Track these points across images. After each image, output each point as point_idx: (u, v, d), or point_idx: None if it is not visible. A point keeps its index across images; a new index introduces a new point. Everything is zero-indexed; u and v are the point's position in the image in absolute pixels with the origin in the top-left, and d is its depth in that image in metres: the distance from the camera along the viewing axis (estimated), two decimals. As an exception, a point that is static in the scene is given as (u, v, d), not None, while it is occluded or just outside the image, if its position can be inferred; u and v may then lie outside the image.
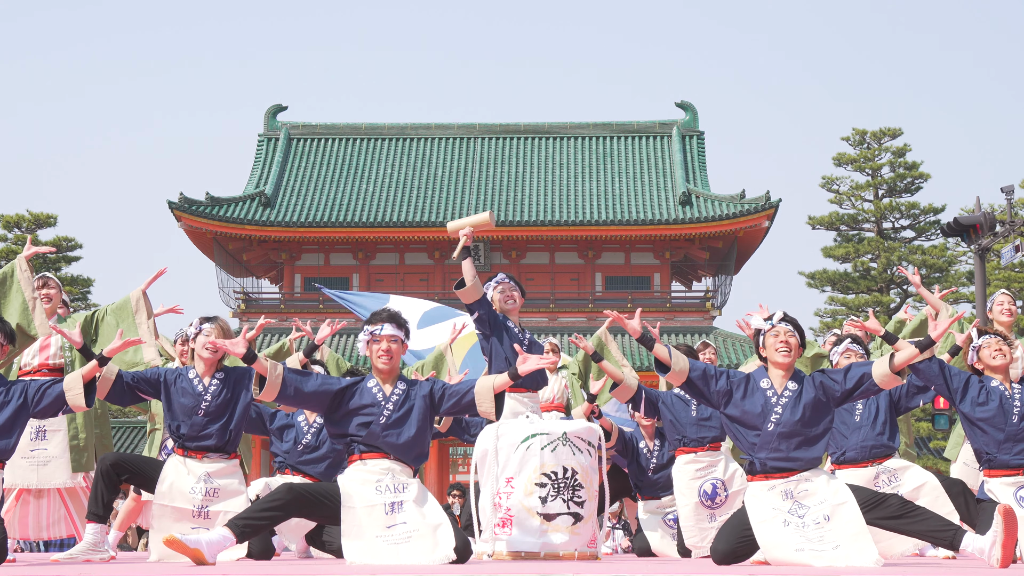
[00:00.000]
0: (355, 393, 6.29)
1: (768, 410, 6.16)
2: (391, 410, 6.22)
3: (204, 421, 6.81)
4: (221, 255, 38.34)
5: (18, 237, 36.01)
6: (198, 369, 6.92)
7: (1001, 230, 23.18)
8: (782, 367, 6.25)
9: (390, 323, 6.37)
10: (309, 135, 41.17)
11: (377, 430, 6.18)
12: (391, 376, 6.37)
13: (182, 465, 6.79)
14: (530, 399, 7.64)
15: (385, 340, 6.34)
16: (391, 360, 6.34)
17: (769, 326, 6.34)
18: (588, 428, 6.86)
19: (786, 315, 6.36)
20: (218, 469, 6.82)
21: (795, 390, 6.20)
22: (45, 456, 7.61)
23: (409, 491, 6.10)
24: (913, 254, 36.77)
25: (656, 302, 37.66)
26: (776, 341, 6.27)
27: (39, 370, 7.93)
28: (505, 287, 7.80)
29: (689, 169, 39.29)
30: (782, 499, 6.05)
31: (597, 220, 36.96)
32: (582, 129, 41.42)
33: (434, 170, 39.77)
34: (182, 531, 6.41)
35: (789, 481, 6.07)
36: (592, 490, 6.71)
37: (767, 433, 6.12)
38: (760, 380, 6.26)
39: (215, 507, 6.72)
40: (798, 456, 6.09)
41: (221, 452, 6.85)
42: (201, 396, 6.81)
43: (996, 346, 6.82)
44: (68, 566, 6.36)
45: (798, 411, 6.13)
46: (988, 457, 6.73)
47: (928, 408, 28.92)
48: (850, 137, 38.21)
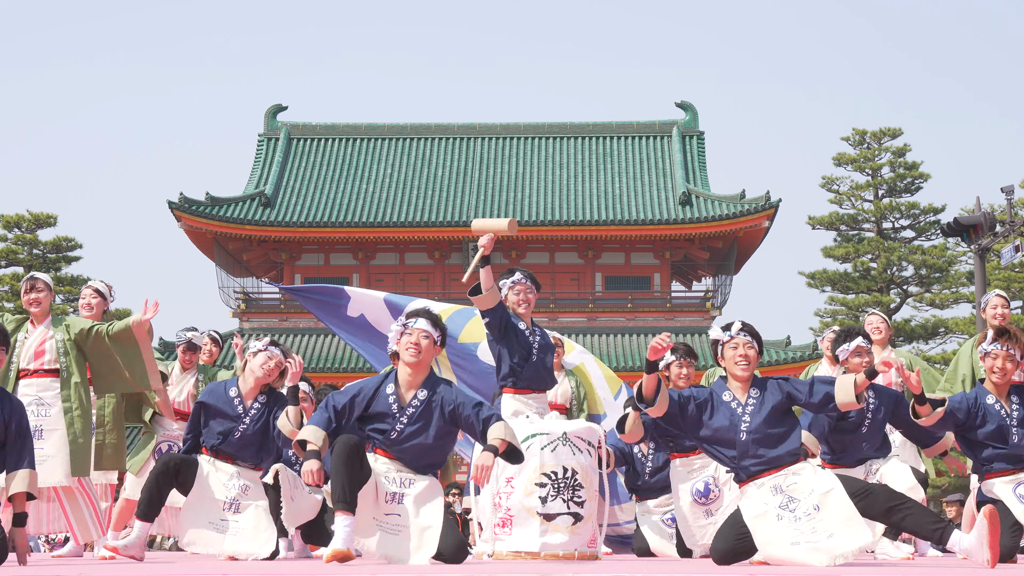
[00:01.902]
0: (370, 398, 6.16)
1: (736, 421, 6.13)
2: (405, 423, 6.11)
3: (239, 443, 6.99)
4: (221, 255, 38.35)
5: (18, 237, 35.99)
6: (242, 388, 7.05)
7: (1001, 230, 23.18)
8: (740, 380, 6.20)
9: (425, 319, 6.22)
10: (309, 135, 41.17)
11: (390, 440, 6.13)
12: (416, 375, 6.18)
13: (213, 465, 7.00)
14: (536, 400, 7.60)
15: (416, 333, 6.17)
16: (419, 354, 6.14)
17: (727, 337, 6.25)
18: (588, 428, 6.86)
19: (744, 324, 6.26)
20: (249, 475, 7.05)
21: (758, 397, 6.17)
22: (41, 455, 7.60)
23: (414, 487, 6.09)
24: (913, 254, 36.76)
25: (656, 302, 37.68)
26: (735, 354, 6.19)
27: (35, 372, 7.95)
28: (521, 289, 7.71)
29: (689, 169, 39.29)
30: (772, 494, 6.05)
31: (597, 220, 36.96)
32: (582, 129, 41.42)
33: (434, 170, 39.77)
34: (211, 521, 6.83)
35: (777, 477, 6.07)
36: (592, 490, 6.71)
37: (742, 443, 6.11)
38: (722, 394, 6.22)
39: (245, 502, 6.95)
40: (777, 454, 6.09)
41: (250, 463, 7.06)
42: (240, 418, 6.98)
43: (1001, 363, 6.67)
44: (68, 566, 6.36)
45: (763, 415, 6.11)
46: (987, 467, 6.74)
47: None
48: (850, 137, 38.21)
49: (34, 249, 35.66)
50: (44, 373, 7.89)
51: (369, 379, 6.28)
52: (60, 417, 7.84)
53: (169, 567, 6.24)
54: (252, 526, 6.91)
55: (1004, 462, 6.66)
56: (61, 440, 7.82)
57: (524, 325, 7.66)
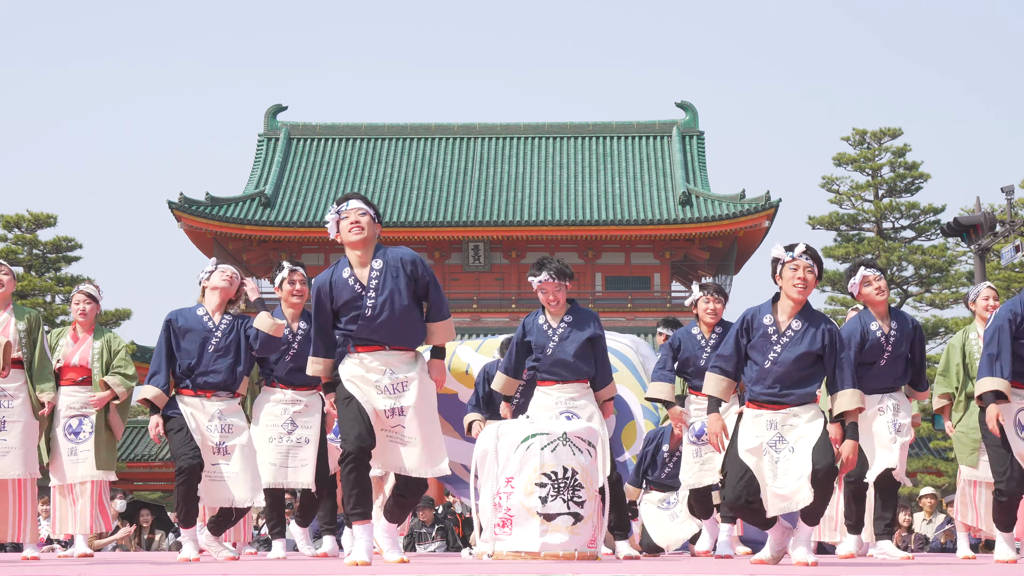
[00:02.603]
0: (330, 292, 6.07)
1: (767, 348, 6.07)
2: (374, 296, 6.01)
3: (214, 356, 7.09)
4: (221, 255, 38.27)
5: (18, 237, 35.96)
6: (208, 306, 7.22)
7: (1001, 230, 23.16)
8: (795, 301, 6.09)
9: (355, 199, 6.13)
10: (309, 135, 41.16)
11: (366, 319, 6.00)
12: (366, 253, 6.09)
13: (195, 406, 7.09)
14: (559, 390, 7.34)
15: (353, 213, 6.07)
16: (362, 230, 6.04)
17: (789, 257, 6.11)
18: (588, 428, 6.86)
19: (808, 247, 6.12)
20: (228, 407, 7.15)
21: (798, 331, 6.07)
22: (3, 447, 7.59)
23: (409, 394, 6.05)
24: (913, 254, 36.71)
25: (656, 302, 37.68)
26: (794, 276, 6.07)
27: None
28: (548, 288, 7.29)
29: (689, 169, 39.29)
30: (766, 428, 6.04)
31: (597, 220, 36.95)
32: (582, 129, 41.41)
33: (434, 170, 39.75)
34: (205, 471, 7.02)
35: (778, 414, 6.04)
36: (592, 490, 6.71)
37: (763, 370, 6.06)
38: (763, 316, 6.13)
39: (231, 442, 7.12)
40: (790, 392, 6.04)
41: (228, 391, 7.14)
42: (212, 332, 7.12)
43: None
44: (68, 566, 6.36)
45: (796, 352, 6.03)
46: None
47: (928, 408, 28.89)
48: (850, 137, 38.15)
49: (34, 249, 35.60)
50: (13, 364, 7.66)
51: (317, 278, 6.19)
52: (23, 409, 7.75)
53: (169, 567, 6.24)
54: (240, 469, 7.10)
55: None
56: (23, 433, 7.71)
57: (544, 321, 7.38)
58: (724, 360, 6.23)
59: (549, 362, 7.31)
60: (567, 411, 7.21)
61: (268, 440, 7.96)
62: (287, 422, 7.99)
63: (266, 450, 7.90)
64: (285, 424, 7.98)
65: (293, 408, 7.99)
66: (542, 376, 7.36)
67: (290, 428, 7.99)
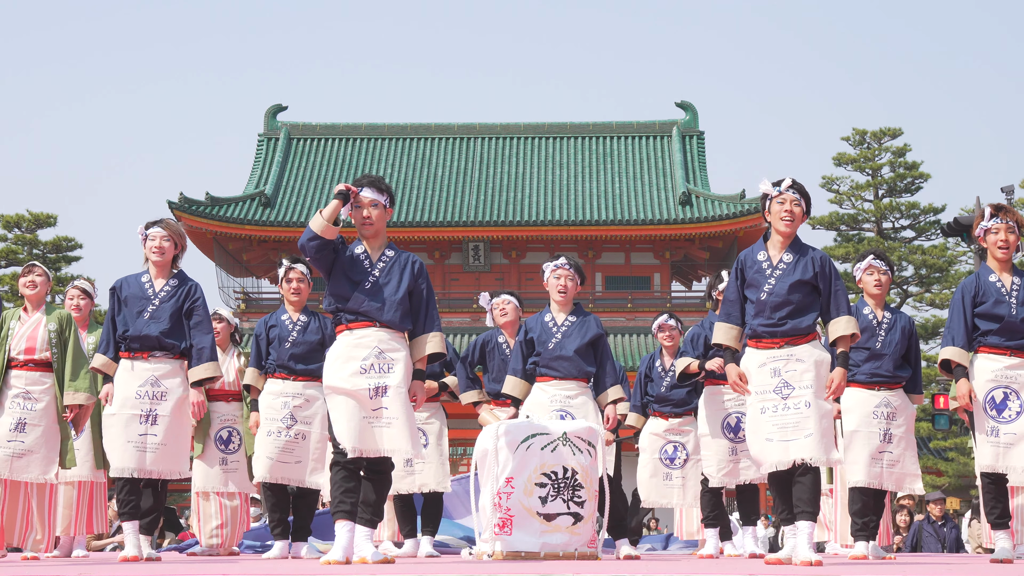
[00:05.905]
0: (346, 261, 6.17)
1: (761, 281, 6.19)
2: (377, 275, 6.09)
3: (149, 320, 7.13)
4: (221, 255, 38.34)
5: (18, 237, 35.98)
6: (152, 274, 7.27)
7: (1001, 230, 23.12)
8: (783, 235, 6.23)
9: (368, 187, 6.19)
10: (309, 135, 41.16)
11: (364, 291, 6.05)
12: (378, 244, 6.21)
13: (129, 370, 7.10)
14: (556, 387, 7.32)
15: (366, 207, 6.18)
16: (373, 225, 6.16)
17: (776, 192, 6.24)
18: (588, 428, 6.86)
19: (794, 182, 6.25)
20: (165, 371, 7.13)
21: (790, 262, 6.20)
22: (22, 449, 7.49)
23: (394, 374, 5.98)
24: (913, 254, 36.74)
25: (656, 302, 37.66)
26: (781, 209, 6.20)
27: (25, 364, 7.60)
28: (563, 275, 7.42)
29: (689, 169, 39.29)
30: (770, 376, 6.10)
31: (597, 220, 36.96)
32: (582, 129, 41.41)
33: (434, 170, 39.76)
34: (130, 438, 6.97)
35: (779, 352, 6.10)
36: (592, 490, 6.71)
37: (760, 303, 6.17)
38: (756, 254, 6.28)
39: (162, 411, 7.07)
40: (787, 323, 6.11)
41: (166, 352, 7.13)
42: (150, 300, 7.16)
43: (1002, 239, 6.69)
44: (68, 566, 6.36)
45: (789, 281, 6.13)
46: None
47: (928, 408, 28.90)
48: (850, 137, 38.18)
49: (34, 249, 35.64)
50: (35, 366, 7.50)
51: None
52: (45, 413, 7.48)
53: (169, 567, 6.24)
54: (170, 440, 7.08)
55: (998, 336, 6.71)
56: (43, 436, 7.50)
57: (550, 318, 7.41)
58: (729, 305, 6.35)
59: (550, 356, 7.34)
60: (562, 410, 7.17)
61: (267, 434, 7.98)
62: (286, 416, 7.99)
63: (264, 444, 7.93)
64: (284, 419, 7.99)
65: (293, 402, 8.01)
66: (541, 371, 7.36)
67: (289, 423, 7.99)
